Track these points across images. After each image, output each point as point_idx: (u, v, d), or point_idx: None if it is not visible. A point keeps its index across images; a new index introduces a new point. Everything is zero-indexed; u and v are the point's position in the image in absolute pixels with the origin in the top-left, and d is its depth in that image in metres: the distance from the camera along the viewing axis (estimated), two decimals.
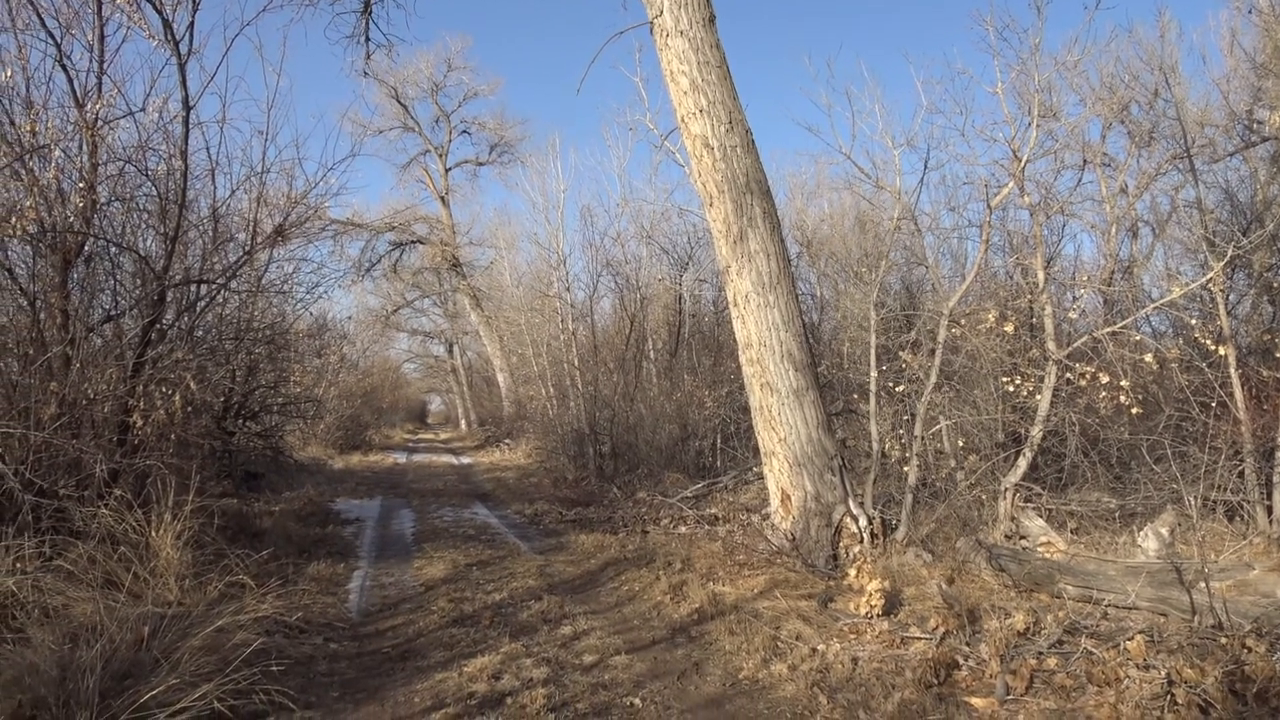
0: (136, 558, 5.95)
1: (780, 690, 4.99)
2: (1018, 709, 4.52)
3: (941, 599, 6.00)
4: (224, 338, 11.42)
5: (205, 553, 6.71)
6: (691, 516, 10.76)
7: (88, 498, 6.48)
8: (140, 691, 4.07)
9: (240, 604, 5.61)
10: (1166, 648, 4.99)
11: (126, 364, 7.73)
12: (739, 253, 8.54)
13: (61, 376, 6.86)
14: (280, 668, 5.09)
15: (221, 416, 12.94)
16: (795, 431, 8.26)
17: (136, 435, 7.56)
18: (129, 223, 8.69)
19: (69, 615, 4.97)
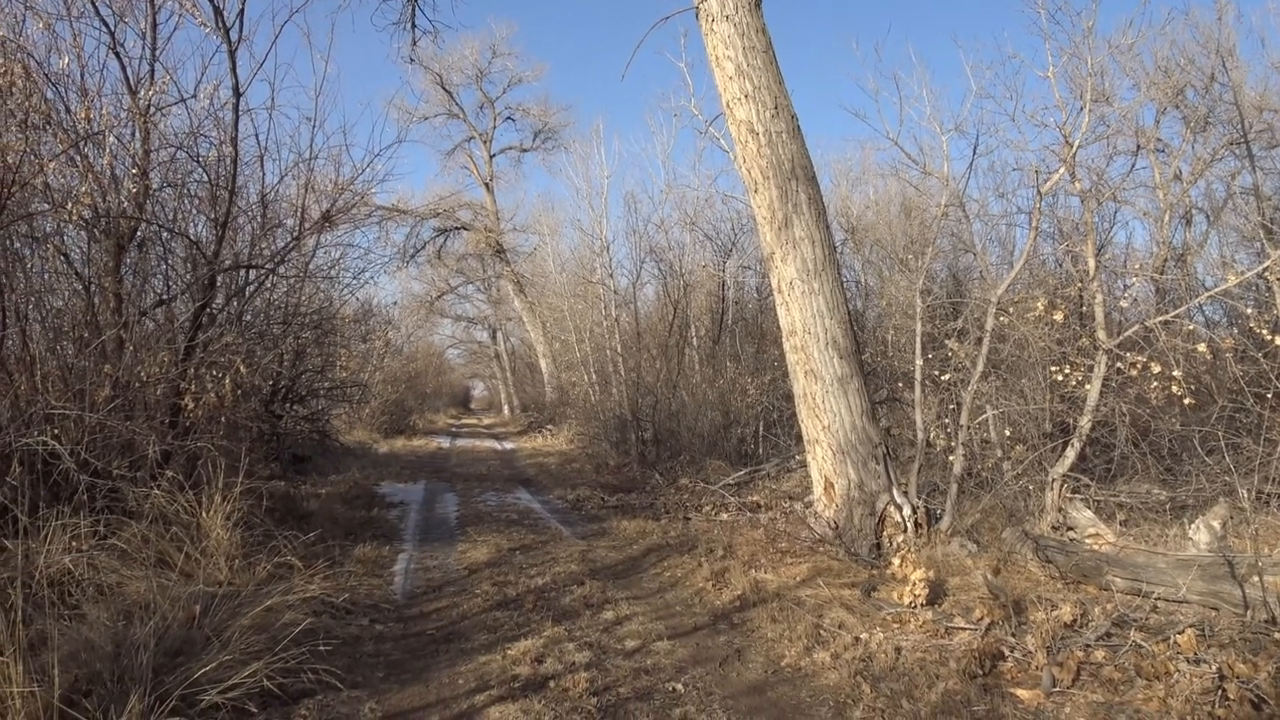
0: (188, 538, 6.06)
1: (823, 678, 4.96)
2: (1064, 701, 4.45)
3: (987, 589, 5.93)
4: (272, 322, 11.57)
5: (254, 534, 6.82)
6: (734, 504, 10.74)
7: (140, 478, 6.61)
8: (192, 668, 4.15)
9: (288, 584, 5.70)
10: (1218, 642, 4.88)
11: (178, 347, 7.88)
12: (783, 239, 8.46)
13: (115, 359, 7.01)
14: (327, 647, 5.17)
15: (270, 400, 13.11)
16: (839, 419, 8.19)
17: (187, 417, 7.70)
18: (180, 208, 8.85)
19: (123, 593, 5.08)
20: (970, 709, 4.39)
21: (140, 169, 7.68)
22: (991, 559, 6.93)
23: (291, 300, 12.74)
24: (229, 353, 8.43)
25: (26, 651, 3.70)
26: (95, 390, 6.61)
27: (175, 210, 8.79)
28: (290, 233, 10.30)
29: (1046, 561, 6.68)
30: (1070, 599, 5.78)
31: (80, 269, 7.51)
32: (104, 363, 6.84)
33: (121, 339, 7.20)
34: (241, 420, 9.25)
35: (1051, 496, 7.72)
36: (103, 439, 6.60)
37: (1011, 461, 8.60)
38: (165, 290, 8.65)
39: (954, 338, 9.20)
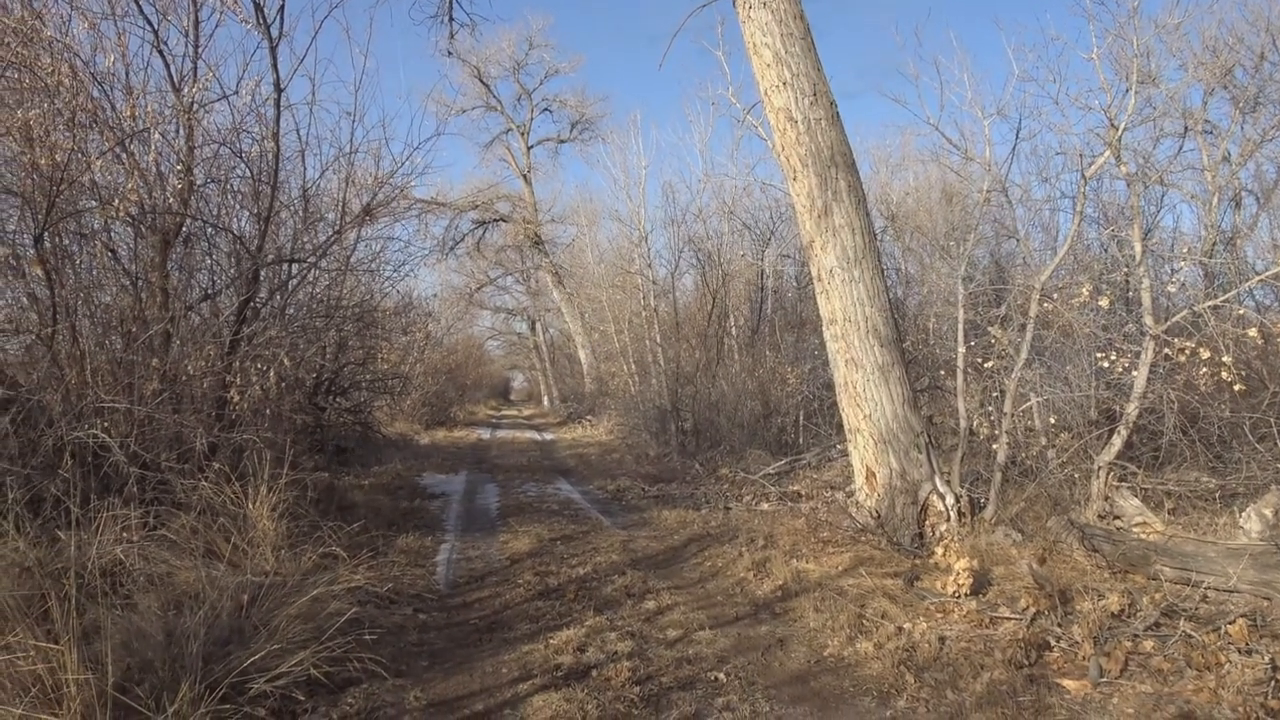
0: (235, 528, 6.15)
1: (866, 668, 4.92)
2: (1112, 692, 4.37)
3: (1032, 579, 5.83)
4: (315, 315, 11.64)
5: (299, 524, 6.91)
6: (774, 493, 10.69)
7: (188, 470, 6.72)
8: (240, 657, 4.21)
9: (333, 574, 5.77)
10: (1270, 632, 4.77)
11: (223, 341, 7.99)
12: (823, 227, 8.38)
13: (162, 353, 7.12)
14: (372, 637, 5.23)
15: (313, 392, 13.24)
16: (880, 408, 8.11)
17: (233, 410, 7.82)
18: (224, 204, 8.95)
19: (173, 583, 5.17)
20: (1016, 699, 4.33)
21: (184, 165, 7.77)
22: (1037, 548, 6.83)
23: (333, 294, 12.80)
24: (272, 346, 8.54)
25: (81, 640, 3.77)
26: (144, 384, 6.73)
27: (219, 206, 8.88)
28: (331, 226, 10.39)
29: (1093, 550, 6.56)
30: (1117, 588, 5.67)
31: (127, 265, 7.63)
32: (151, 357, 6.95)
33: (168, 333, 7.32)
34: (285, 412, 9.38)
35: (1098, 485, 7.58)
36: (151, 432, 6.70)
37: (1056, 450, 8.45)
38: (210, 285, 8.78)
39: (997, 325, 9.05)
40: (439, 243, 34.24)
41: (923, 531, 7.63)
